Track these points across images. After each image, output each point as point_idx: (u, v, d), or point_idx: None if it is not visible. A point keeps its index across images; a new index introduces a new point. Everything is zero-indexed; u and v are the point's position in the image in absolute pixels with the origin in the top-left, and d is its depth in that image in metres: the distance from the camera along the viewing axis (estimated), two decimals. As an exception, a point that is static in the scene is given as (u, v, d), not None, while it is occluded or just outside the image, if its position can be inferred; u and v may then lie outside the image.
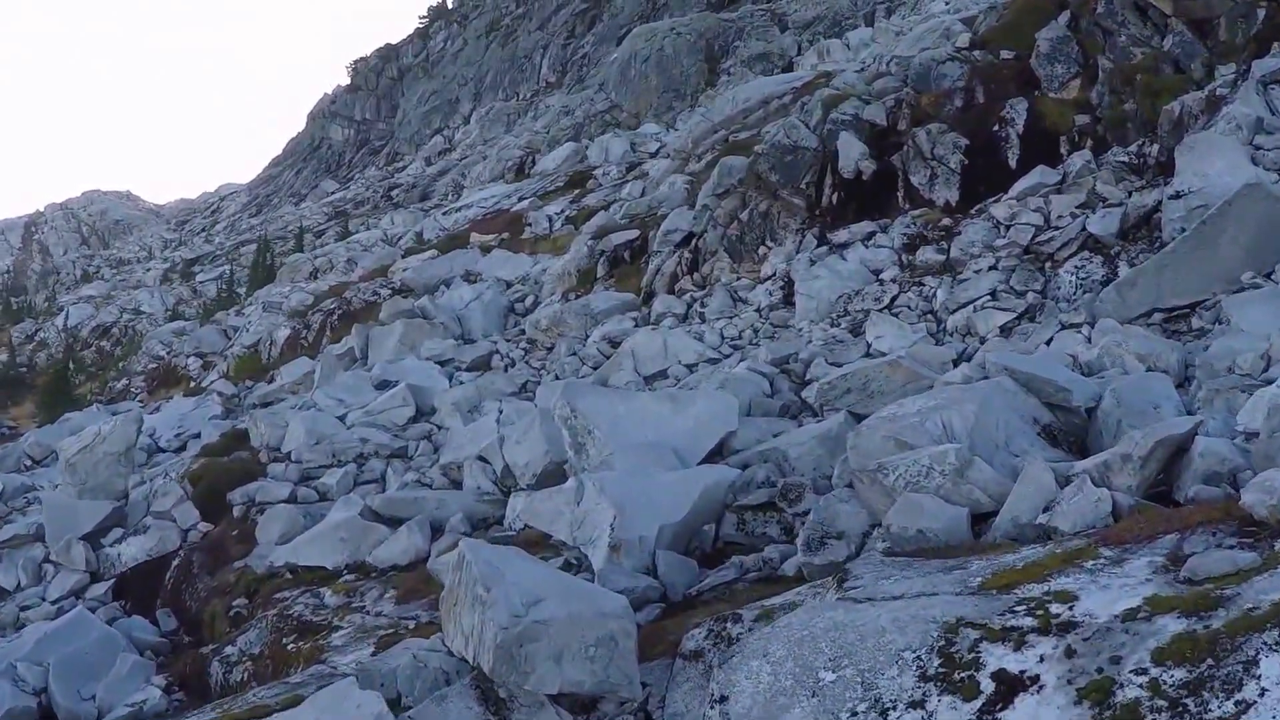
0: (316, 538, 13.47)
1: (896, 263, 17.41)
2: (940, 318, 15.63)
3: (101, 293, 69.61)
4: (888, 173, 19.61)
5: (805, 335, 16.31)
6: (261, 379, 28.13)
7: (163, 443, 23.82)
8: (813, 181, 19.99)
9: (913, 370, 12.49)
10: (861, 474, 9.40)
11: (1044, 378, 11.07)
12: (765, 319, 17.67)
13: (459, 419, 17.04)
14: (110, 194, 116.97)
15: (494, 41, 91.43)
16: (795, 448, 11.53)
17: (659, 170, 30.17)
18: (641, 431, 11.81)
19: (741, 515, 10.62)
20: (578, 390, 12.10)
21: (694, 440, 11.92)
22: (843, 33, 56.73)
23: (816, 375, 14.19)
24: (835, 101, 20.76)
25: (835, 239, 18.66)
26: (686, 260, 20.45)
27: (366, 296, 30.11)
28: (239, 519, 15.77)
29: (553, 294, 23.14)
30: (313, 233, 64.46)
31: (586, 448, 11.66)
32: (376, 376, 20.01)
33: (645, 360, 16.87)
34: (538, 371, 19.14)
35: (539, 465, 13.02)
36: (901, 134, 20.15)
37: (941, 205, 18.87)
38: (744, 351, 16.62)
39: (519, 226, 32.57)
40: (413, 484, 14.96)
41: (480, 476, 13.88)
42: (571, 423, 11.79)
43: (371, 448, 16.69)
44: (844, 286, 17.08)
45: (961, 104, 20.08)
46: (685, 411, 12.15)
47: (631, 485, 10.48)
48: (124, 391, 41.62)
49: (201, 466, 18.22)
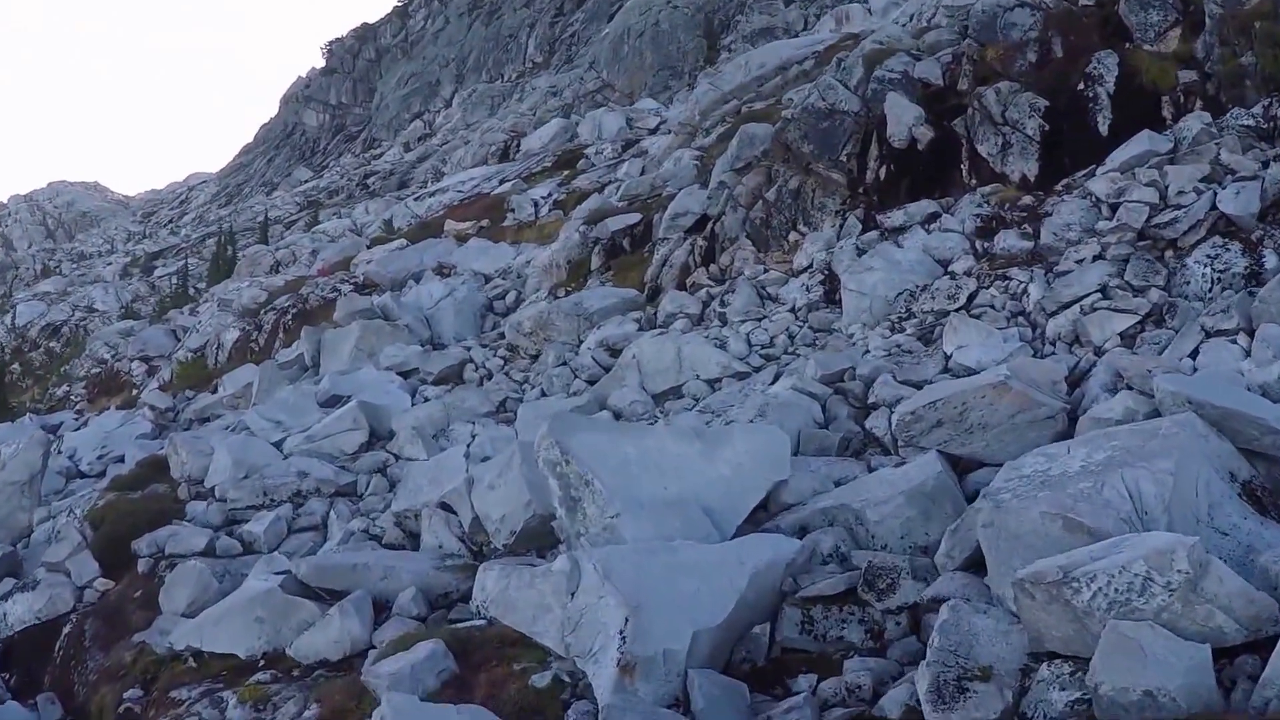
0: (228, 614, 9.94)
1: (969, 251, 13.95)
2: (1035, 321, 12.18)
3: (58, 288, 65.51)
4: (948, 141, 16.14)
5: (859, 343, 12.84)
6: (205, 388, 24.47)
7: (84, 465, 20.15)
8: (854, 152, 16.50)
9: (1025, 395, 9.10)
10: (1034, 586, 5.96)
11: (1247, 415, 7.73)
12: (803, 321, 14.20)
13: (421, 447, 13.53)
14: (77, 185, 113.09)
15: (477, 20, 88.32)
16: (875, 507, 8.15)
17: (660, 147, 26.62)
18: (659, 482, 8.37)
19: (808, 611, 7.28)
20: (570, 424, 8.59)
21: (732, 494, 8.53)
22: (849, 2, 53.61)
23: (884, 397, 10.77)
24: (880, 57, 17.28)
25: (887, 222, 15.18)
26: (700, 249, 16.93)
27: (325, 293, 26.41)
28: (145, 575, 12.32)
29: (538, 290, 19.58)
30: (282, 224, 60.58)
31: (583, 505, 8.20)
32: (324, 391, 16.44)
33: (654, 374, 13.38)
34: (520, 386, 15.59)
35: (518, 520, 9.59)
36: (963, 95, 16.67)
37: (1017, 180, 15.42)
38: (779, 363, 13.15)
39: (500, 212, 28.96)
40: (359, 536, 11.48)
41: (442, 531, 10.40)
42: (562, 469, 8.32)
43: (311, 483, 13.14)
44: (904, 281, 13.61)
45: (1035, 58, 16.60)
46: (719, 453, 8.70)
47: (650, 567, 7.10)
48: (64, 400, 37.80)
49: (106, 505, 14.68)
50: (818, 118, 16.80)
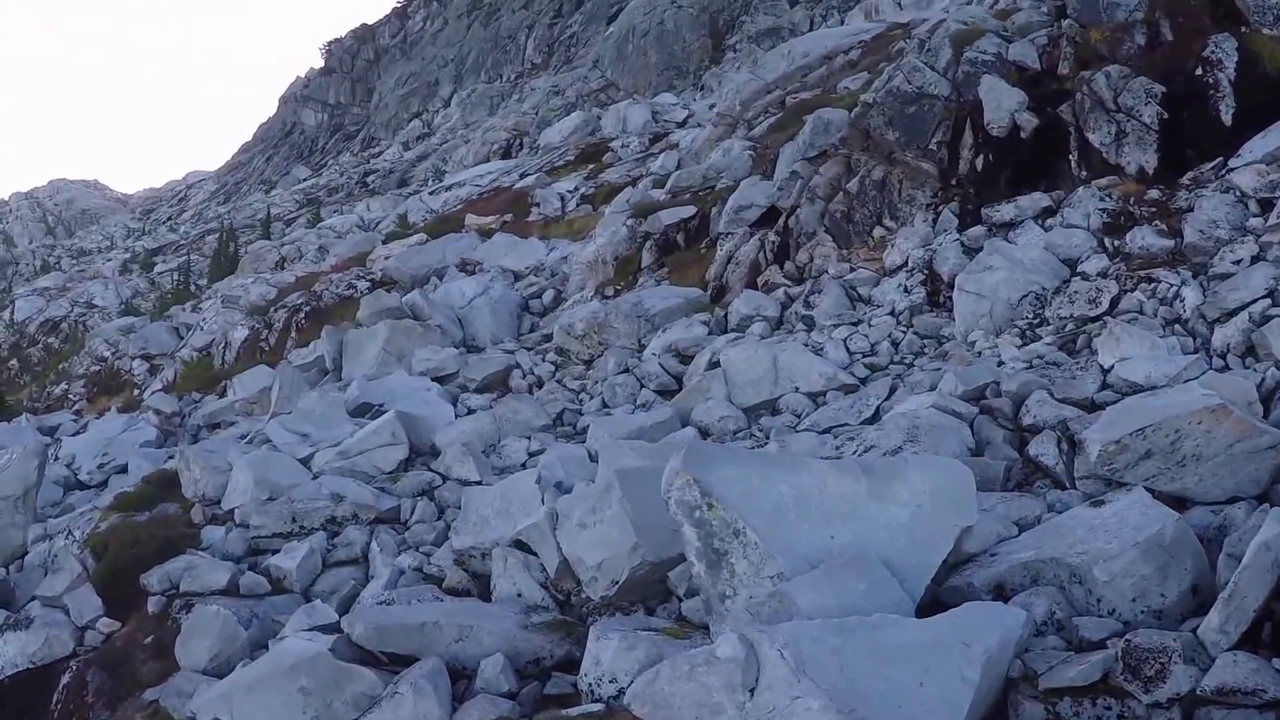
0: (265, 682, 7.84)
1: (1099, 249, 12.28)
2: (1195, 330, 10.50)
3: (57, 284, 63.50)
4: (1052, 130, 14.49)
5: (984, 353, 11.14)
6: (212, 391, 22.67)
7: (84, 474, 18.32)
8: (945, 140, 14.83)
9: (1245, 422, 7.45)
10: None
11: None
12: (906, 326, 12.49)
13: (472, 466, 11.78)
14: (77, 183, 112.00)
15: (475, 21, 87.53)
16: (1103, 564, 6.42)
17: (696, 139, 24.89)
18: (823, 529, 6.66)
19: (1053, 706, 5.59)
20: (709, 456, 6.84)
21: (914, 545, 6.79)
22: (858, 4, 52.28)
23: (1044, 418, 9.08)
24: (968, 38, 15.60)
25: (995, 216, 13.50)
26: (772, 244, 15.21)
27: (340, 290, 24.68)
28: (156, 616, 10.57)
29: (582, 289, 17.83)
30: (282, 221, 58.78)
31: (730, 560, 6.47)
32: (354, 399, 14.67)
33: (744, 385, 11.63)
34: (576, 396, 13.81)
35: (621, 567, 7.87)
36: (1063, 79, 15.01)
37: (1133, 172, 13.75)
38: (888, 374, 11.46)
39: (523, 206, 27.23)
40: (411, 575, 9.72)
41: (521, 576, 8.65)
42: (702, 515, 6.59)
43: (348, 508, 11.35)
44: (1028, 282, 11.91)
45: (1145, 41, 14.95)
46: (891, 491, 6.97)
47: (852, 654, 5.42)
48: (62, 399, 35.88)
49: (110, 528, 12.87)
50: (904, 101, 15.12)
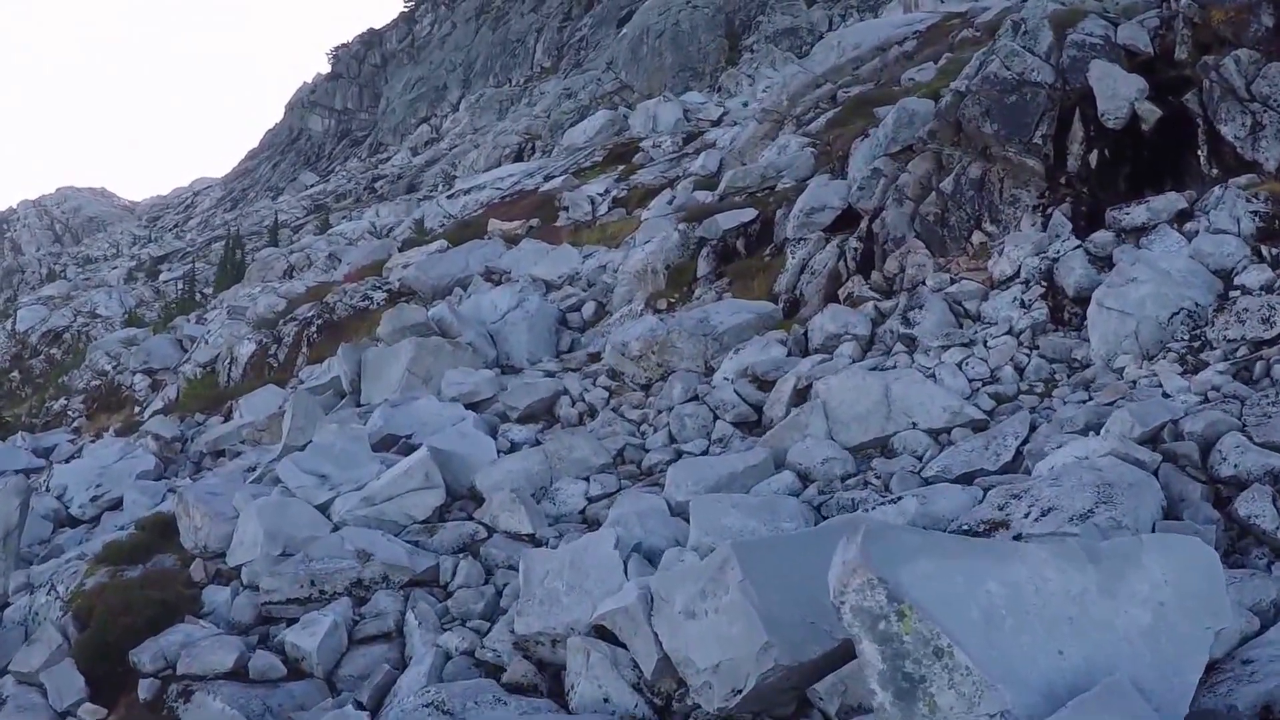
0: None
1: (1257, 259, 10.44)
2: (1401, 355, 8.67)
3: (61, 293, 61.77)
4: (1174, 122, 12.66)
5: (1141, 382, 9.28)
6: (217, 411, 20.86)
7: (75, 508, 16.54)
8: (1049, 134, 13.00)
9: None
10: None
11: None
12: (1030, 348, 10.64)
13: (524, 516, 9.93)
14: (85, 190, 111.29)
15: (484, 25, 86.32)
16: None
17: (738, 137, 23.05)
18: (1049, 642, 4.83)
19: None
20: (895, 545, 4.98)
21: (1162, 659, 4.97)
22: (879, 5, 50.53)
23: (1245, 468, 7.27)
24: (1071, 19, 13.76)
25: (1125, 220, 11.66)
26: (854, 252, 13.36)
27: (355, 301, 22.90)
28: (148, 702, 8.80)
29: (629, 301, 15.98)
30: (289, 227, 57.04)
31: (930, 688, 4.61)
32: (377, 430, 12.81)
33: (848, 420, 9.76)
34: (637, 428, 11.94)
35: (746, 672, 6.06)
36: (1180, 65, 13.17)
37: (1273, 169, 11.91)
38: (1019, 404, 9.62)
39: (550, 210, 25.44)
40: (460, 661, 7.90)
41: (608, 677, 6.83)
42: (890, 627, 4.73)
43: (377, 568, 9.50)
44: (1179, 298, 10.06)
45: (1273, 23, 13.12)
46: (1123, 586, 5.14)
47: None
48: (60, 415, 34.11)
49: (97, 587, 11.07)
50: (1002, 90, 13.29)
